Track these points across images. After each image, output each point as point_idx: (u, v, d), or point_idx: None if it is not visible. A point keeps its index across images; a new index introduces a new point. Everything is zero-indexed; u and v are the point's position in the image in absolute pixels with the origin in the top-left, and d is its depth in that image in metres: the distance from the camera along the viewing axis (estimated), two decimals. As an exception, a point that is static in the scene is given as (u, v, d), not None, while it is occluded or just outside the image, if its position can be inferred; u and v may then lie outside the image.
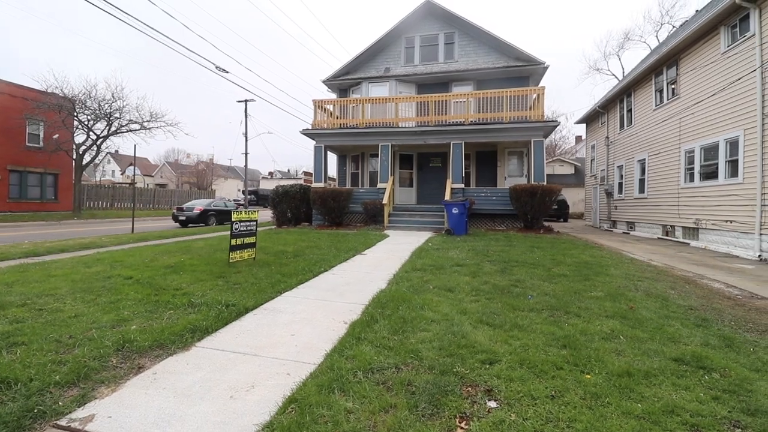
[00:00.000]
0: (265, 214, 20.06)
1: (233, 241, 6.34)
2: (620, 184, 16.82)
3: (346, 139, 15.32)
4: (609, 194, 17.65)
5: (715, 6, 11.14)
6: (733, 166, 9.87)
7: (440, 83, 16.97)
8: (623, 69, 36.78)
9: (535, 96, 14.00)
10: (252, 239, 6.75)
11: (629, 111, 16.50)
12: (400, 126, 14.72)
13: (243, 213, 6.70)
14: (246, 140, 33.66)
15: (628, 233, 15.14)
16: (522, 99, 14.37)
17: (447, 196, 12.70)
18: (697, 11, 17.49)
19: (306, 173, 20.13)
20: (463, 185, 13.67)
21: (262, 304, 4.42)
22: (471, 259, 7.13)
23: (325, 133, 15.20)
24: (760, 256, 8.58)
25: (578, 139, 43.72)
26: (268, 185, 60.37)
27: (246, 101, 33.08)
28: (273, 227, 14.76)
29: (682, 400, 2.44)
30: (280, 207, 15.08)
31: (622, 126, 17.14)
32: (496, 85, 15.56)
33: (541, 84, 17.14)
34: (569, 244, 9.54)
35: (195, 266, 6.29)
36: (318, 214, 14.42)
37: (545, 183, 12.32)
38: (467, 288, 5.09)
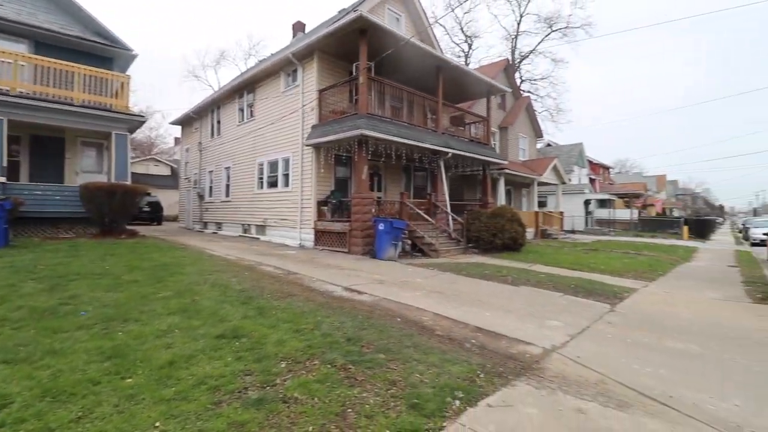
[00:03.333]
0: None
1: None
2: (211, 188, 18.23)
3: None
4: (201, 197, 18.67)
5: (278, 55, 14.44)
6: (287, 178, 13.17)
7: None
8: (219, 83, 40.26)
9: (119, 83, 12.38)
10: None
11: (219, 122, 18.17)
12: None
13: None
14: None
15: (217, 233, 16.68)
16: (103, 83, 12.24)
17: (-31, 193, 8.69)
18: (272, 54, 21.99)
19: None
20: (4, 179, 9.86)
21: None
22: (2, 281, 5.23)
23: None
24: (300, 243, 11.98)
25: (177, 140, 43.24)
26: None
27: None
28: None
29: (213, 370, 2.87)
30: None
31: (213, 134, 18.59)
32: (65, 57, 12.36)
33: (129, 72, 15.44)
34: (153, 247, 9.16)
35: None
36: None
37: (129, 182, 11.19)
38: (-19, 320, 3.65)
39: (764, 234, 18.75)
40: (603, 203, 31.71)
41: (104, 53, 13.92)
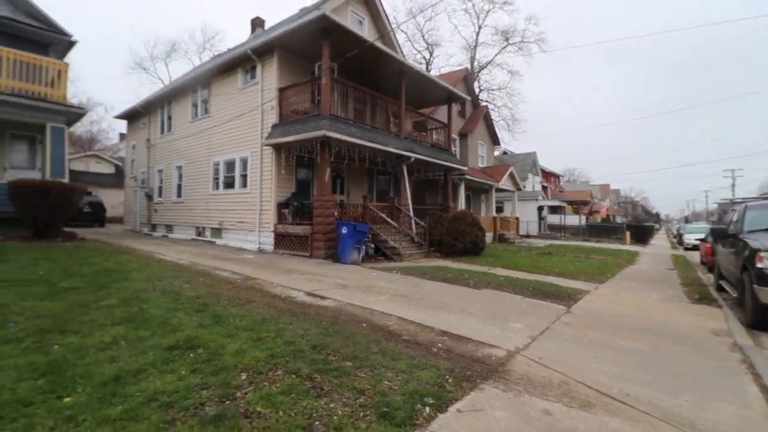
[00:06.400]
0: None
1: None
2: (160, 188, 17.14)
3: None
4: (150, 197, 17.51)
5: (236, 50, 13.89)
6: (245, 179, 12.65)
7: None
8: (170, 76, 38.14)
9: (56, 71, 11.36)
10: None
11: (170, 118, 17.16)
12: None
13: None
14: None
15: (167, 236, 15.70)
16: (36, 70, 11.15)
17: None
18: (228, 49, 21.09)
19: None
20: None
21: None
22: None
23: None
24: (259, 247, 11.53)
25: (123, 136, 40.44)
26: None
27: None
28: None
29: (165, 385, 2.63)
30: None
31: (163, 131, 17.52)
32: (-9, 39, 11.14)
33: (67, 60, 14.21)
34: (94, 251, 8.42)
35: None
36: None
37: (67, 180, 10.23)
38: None
39: (696, 240, 20.46)
40: (554, 209, 33.49)
41: (39, 38, 12.73)
